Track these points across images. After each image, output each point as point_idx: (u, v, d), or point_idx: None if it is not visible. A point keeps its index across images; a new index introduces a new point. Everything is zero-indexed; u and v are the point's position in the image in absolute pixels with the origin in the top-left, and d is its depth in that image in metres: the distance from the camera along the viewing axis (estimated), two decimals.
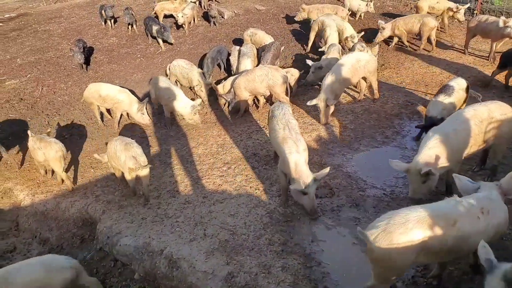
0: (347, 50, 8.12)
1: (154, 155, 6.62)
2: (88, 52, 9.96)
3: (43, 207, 5.99)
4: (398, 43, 8.90)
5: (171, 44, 10.27)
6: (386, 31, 8.69)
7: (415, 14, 9.06)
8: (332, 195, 4.74)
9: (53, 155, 5.81)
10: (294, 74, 7.34)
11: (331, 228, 4.27)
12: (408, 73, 7.69)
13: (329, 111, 6.22)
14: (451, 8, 8.71)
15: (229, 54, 8.84)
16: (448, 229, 2.82)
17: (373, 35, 8.94)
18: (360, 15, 10.40)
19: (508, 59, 6.36)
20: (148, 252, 4.41)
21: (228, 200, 4.94)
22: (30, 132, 6.27)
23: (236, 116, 7.16)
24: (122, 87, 7.67)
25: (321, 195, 4.72)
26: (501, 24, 6.98)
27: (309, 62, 7.32)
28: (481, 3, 9.56)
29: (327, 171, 4.24)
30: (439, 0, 8.99)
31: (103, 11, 11.52)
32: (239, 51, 8.21)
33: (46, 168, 6.47)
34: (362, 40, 8.31)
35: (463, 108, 4.79)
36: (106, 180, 6.14)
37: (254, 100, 7.45)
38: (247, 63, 7.76)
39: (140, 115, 7.16)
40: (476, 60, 7.83)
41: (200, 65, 9.04)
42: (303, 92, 7.56)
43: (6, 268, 3.67)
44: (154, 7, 11.73)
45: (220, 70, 9.17)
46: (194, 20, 11.56)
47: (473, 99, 5.43)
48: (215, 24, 11.27)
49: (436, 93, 5.53)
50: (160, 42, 10.29)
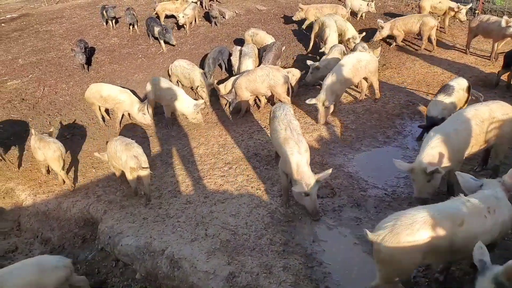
0: (348, 51, 8.10)
1: (155, 155, 6.63)
2: (89, 53, 9.98)
3: (44, 207, 6.00)
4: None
5: (173, 45, 10.29)
6: (385, 30, 8.69)
7: (414, 14, 9.05)
8: (334, 195, 4.74)
9: (51, 154, 5.83)
10: (295, 74, 7.34)
11: (333, 228, 4.27)
12: (410, 73, 7.69)
13: (328, 111, 6.21)
14: (453, 8, 8.69)
15: (230, 55, 8.85)
16: (455, 229, 2.81)
17: (374, 35, 8.92)
18: (361, 15, 10.39)
19: (511, 59, 6.35)
20: (149, 252, 4.42)
21: (229, 200, 4.95)
22: (33, 130, 6.31)
23: (237, 116, 7.16)
24: (123, 87, 7.68)
25: (322, 195, 4.72)
26: (503, 24, 6.97)
27: (309, 63, 7.32)
28: (482, 3, 9.53)
29: (329, 172, 4.23)
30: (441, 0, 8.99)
31: (104, 12, 11.54)
32: (241, 51, 8.21)
33: (47, 168, 6.49)
34: (363, 41, 8.29)
35: (464, 108, 4.79)
36: (107, 180, 6.14)
37: (255, 100, 7.46)
38: (249, 63, 7.76)
39: (142, 115, 7.17)
40: (477, 60, 7.82)
41: (202, 65, 9.03)
42: (304, 92, 7.56)
43: None
44: (155, 7, 11.74)
45: (222, 70, 9.17)
46: (195, 20, 11.58)
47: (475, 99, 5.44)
48: (216, 24, 11.28)
49: (436, 93, 5.53)
50: (162, 43, 10.29)
